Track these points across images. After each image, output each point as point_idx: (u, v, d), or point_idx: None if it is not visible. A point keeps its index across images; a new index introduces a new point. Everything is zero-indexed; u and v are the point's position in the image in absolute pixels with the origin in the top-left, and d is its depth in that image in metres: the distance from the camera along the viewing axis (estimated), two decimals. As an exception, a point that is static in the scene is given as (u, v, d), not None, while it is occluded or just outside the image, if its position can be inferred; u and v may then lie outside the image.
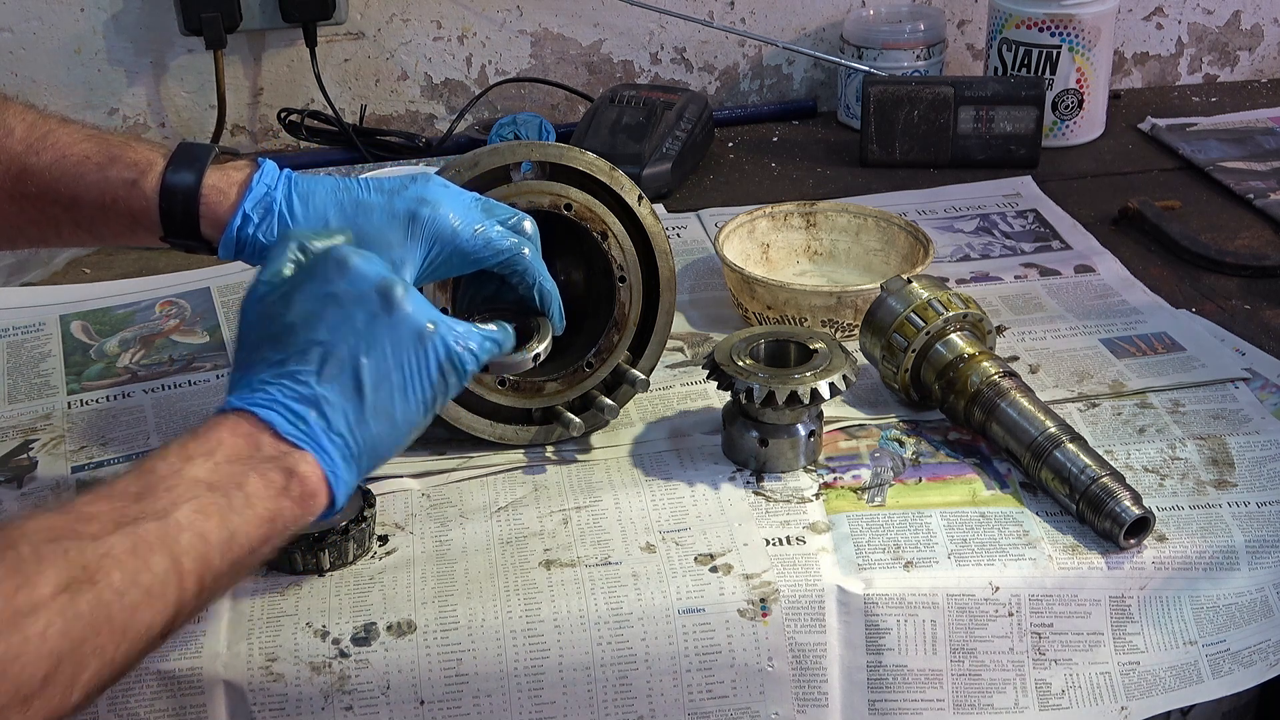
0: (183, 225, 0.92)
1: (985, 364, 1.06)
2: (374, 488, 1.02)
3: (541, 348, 0.95)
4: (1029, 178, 1.56)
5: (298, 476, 0.77)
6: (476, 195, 0.97)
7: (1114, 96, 1.75)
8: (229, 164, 0.94)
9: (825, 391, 1.01)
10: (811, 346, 1.05)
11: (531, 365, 0.95)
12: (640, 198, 1.07)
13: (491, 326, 0.88)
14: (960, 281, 1.33)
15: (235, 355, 0.83)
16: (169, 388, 1.18)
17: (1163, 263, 1.37)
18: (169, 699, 0.89)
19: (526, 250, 0.95)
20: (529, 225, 0.97)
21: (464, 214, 0.93)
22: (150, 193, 0.91)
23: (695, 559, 0.96)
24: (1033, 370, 1.17)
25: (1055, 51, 1.61)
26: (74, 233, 0.94)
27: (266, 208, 0.92)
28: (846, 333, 1.21)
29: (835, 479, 1.04)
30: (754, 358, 1.05)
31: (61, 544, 0.67)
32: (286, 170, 0.94)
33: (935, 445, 1.07)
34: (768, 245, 1.32)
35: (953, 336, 1.08)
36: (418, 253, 0.92)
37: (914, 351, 1.08)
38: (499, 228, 0.94)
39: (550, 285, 0.97)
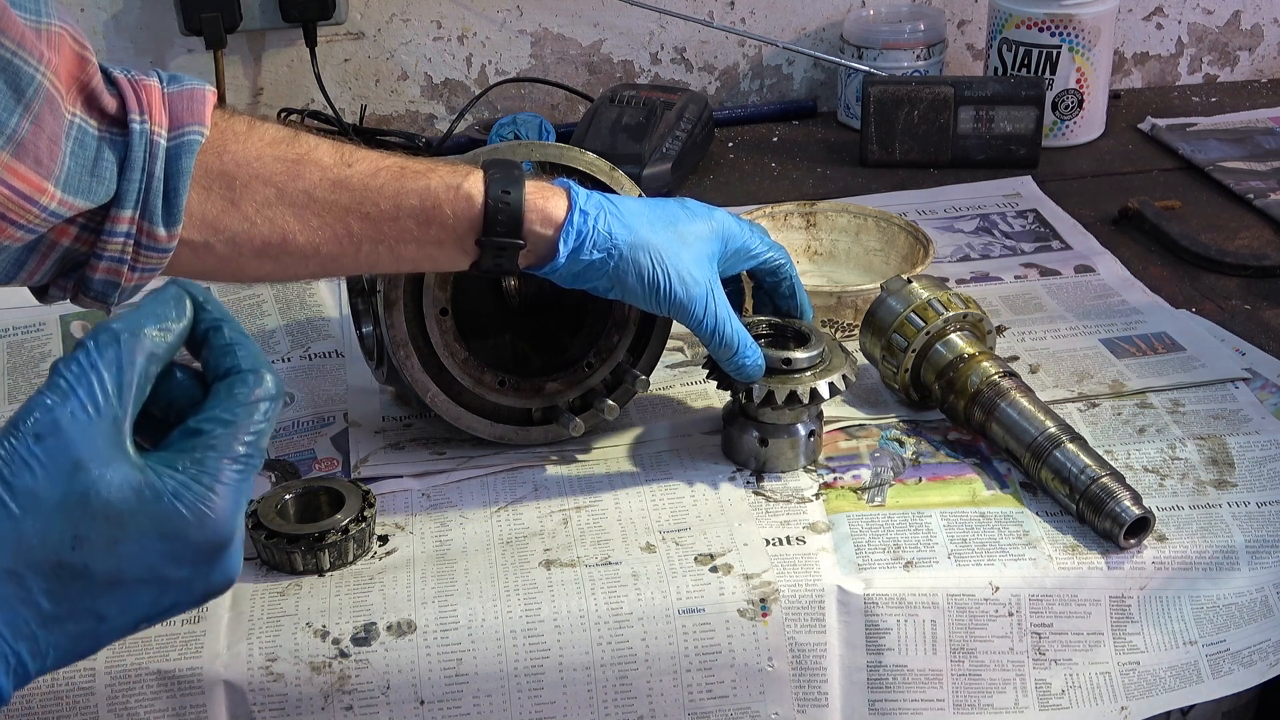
0: (507, 221, 0.93)
1: (985, 364, 1.06)
2: (374, 488, 1.02)
3: (824, 345, 1.04)
4: (1029, 178, 1.56)
5: None
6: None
7: (1114, 96, 1.75)
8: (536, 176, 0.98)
9: (825, 391, 1.01)
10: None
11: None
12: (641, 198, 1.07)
13: None
14: (960, 281, 1.33)
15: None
16: (169, 388, 1.18)
17: (1163, 263, 1.37)
18: (169, 699, 0.89)
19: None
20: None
21: (738, 220, 1.02)
22: (474, 193, 0.92)
23: (695, 559, 0.96)
24: (1033, 370, 1.17)
25: (1055, 51, 1.61)
26: (371, 251, 0.92)
27: (598, 205, 0.95)
28: (846, 333, 1.21)
29: (835, 479, 1.04)
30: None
31: None
32: None
33: (935, 445, 1.07)
34: (768, 245, 1.32)
35: (953, 336, 1.08)
36: (718, 247, 0.99)
37: (914, 351, 1.08)
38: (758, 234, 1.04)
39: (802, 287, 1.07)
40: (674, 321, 1.10)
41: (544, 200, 0.94)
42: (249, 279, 0.98)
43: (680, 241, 0.97)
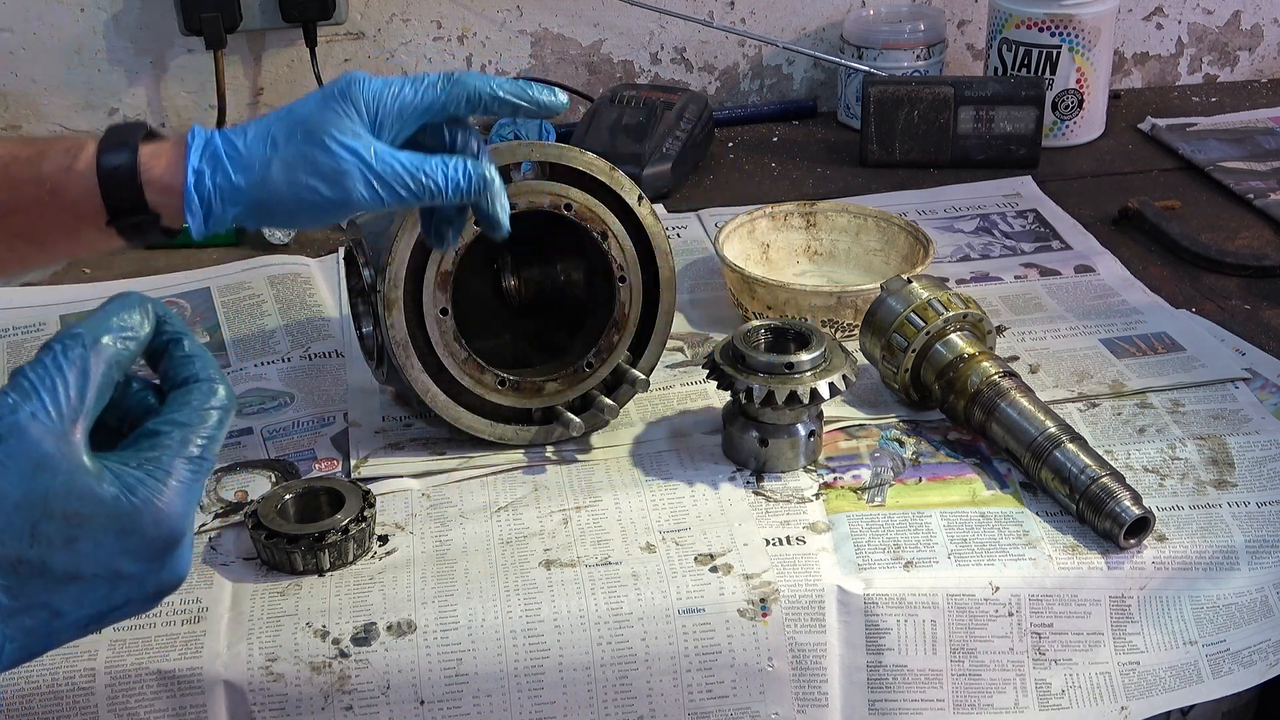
0: (127, 199, 0.86)
1: (985, 364, 1.06)
2: (374, 488, 1.02)
3: (824, 346, 1.02)
4: (1029, 178, 1.56)
5: None
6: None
7: (1114, 96, 1.75)
8: (160, 137, 0.90)
9: (825, 391, 1.01)
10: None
11: None
12: (640, 198, 1.07)
13: None
14: (960, 281, 1.33)
15: None
16: (169, 388, 1.18)
17: (1163, 263, 1.37)
18: (169, 699, 0.89)
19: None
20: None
21: (386, 81, 0.91)
22: (86, 170, 0.86)
23: (695, 559, 0.96)
24: (1033, 370, 1.17)
25: (1055, 51, 1.61)
26: (13, 247, 0.88)
27: (214, 155, 0.87)
28: (846, 333, 1.21)
29: (835, 479, 1.04)
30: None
31: None
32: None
33: (935, 445, 1.07)
34: (768, 245, 1.32)
35: (953, 336, 1.09)
36: (362, 118, 0.89)
37: (914, 351, 1.08)
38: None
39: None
40: (674, 321, 1.10)
41: (159, 168, 0.86)
42: None
43: (315, 145, 0.87)
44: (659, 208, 1.48)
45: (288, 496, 0.99)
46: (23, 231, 0.88)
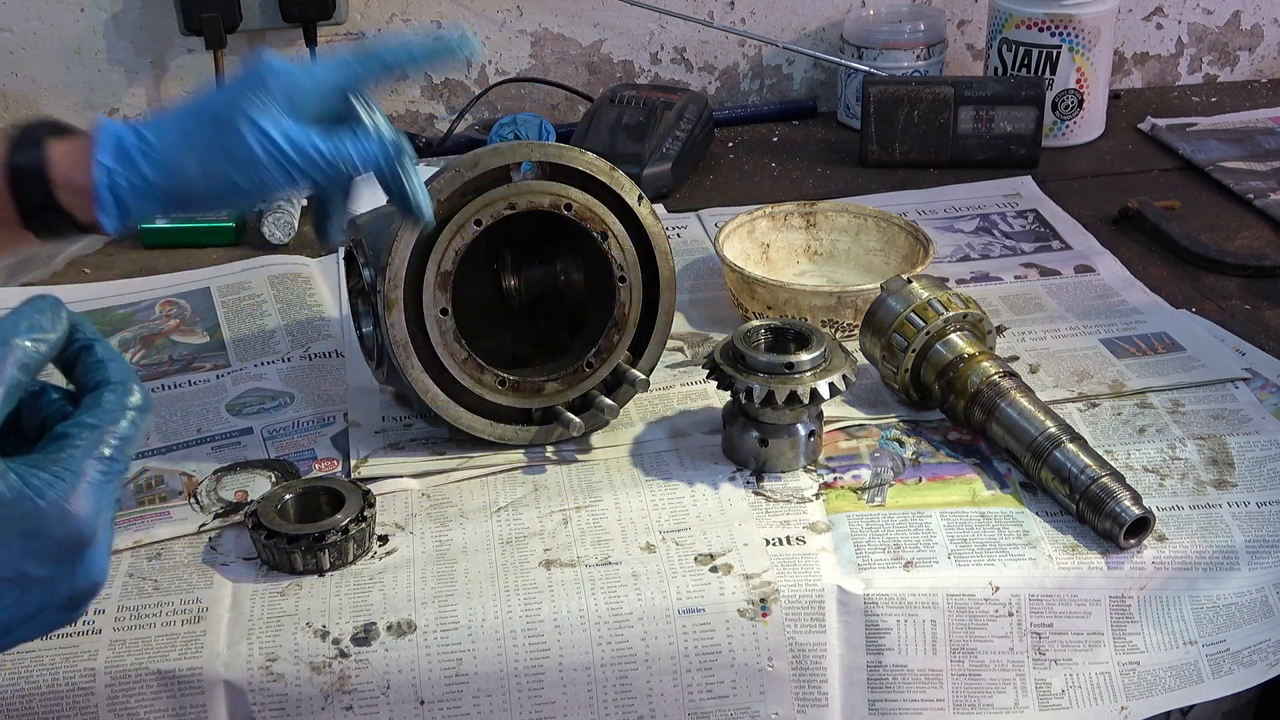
0: (37, 200, 0.84)
1: (985, 364, 1.07)
2: (374, 488, 1.02)
3: (824, 346, 1.01)
4: (1029, 178, 1.56)
5: None
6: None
7: (1114, 96, 1.75)
8: (71, 131, 0.87)
9: (825, 391, 1.01)
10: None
11: None
12: (640, 198, 1.07)
13: None
14: (960, 281, 1.33)
15: None
16: (169, 388, 1.18)
17: (1163, 263, 1.37)
18: (169, 699, 0.89)
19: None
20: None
21: (308, 70, 0.89)
22: None
23: (695, 559, 0.96)
24: (1033, 370, 1.17)
25: (1055, 51, 1.61)
26: None
27: (125, 150, 0.84)
28: (846, 333, 1.21)
29: (835, 479, 1.04)
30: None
31: None
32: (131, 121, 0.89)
33: (935, 445, 1.07)
34: (768, 245, 1.32)
35: (953, 336, 1.09)
36: (276, 100, 0.86)
37: (914, 351, 1.08)
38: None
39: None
40: (674, 321, 1.10)
41: (68, 167, 0.84)
42: None
43: (228, 132, 0.85)
44: (659, 208, 1.48)
45: (288, 496, 0.99)
46: None
